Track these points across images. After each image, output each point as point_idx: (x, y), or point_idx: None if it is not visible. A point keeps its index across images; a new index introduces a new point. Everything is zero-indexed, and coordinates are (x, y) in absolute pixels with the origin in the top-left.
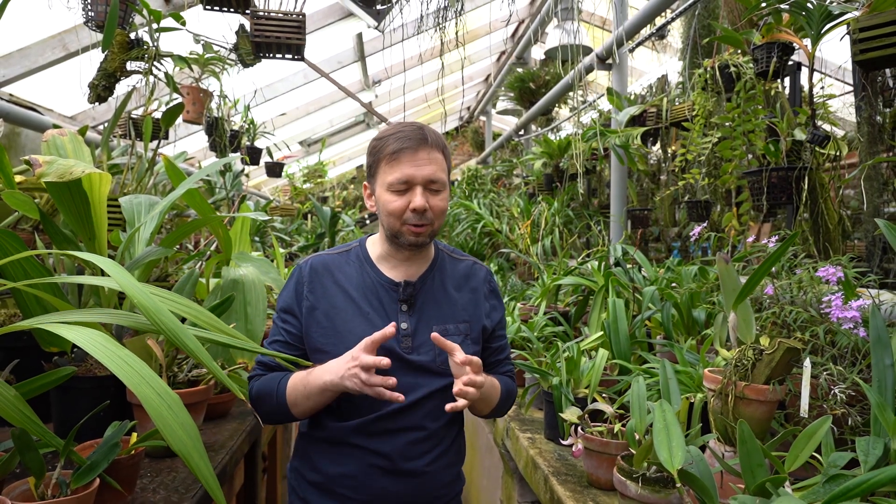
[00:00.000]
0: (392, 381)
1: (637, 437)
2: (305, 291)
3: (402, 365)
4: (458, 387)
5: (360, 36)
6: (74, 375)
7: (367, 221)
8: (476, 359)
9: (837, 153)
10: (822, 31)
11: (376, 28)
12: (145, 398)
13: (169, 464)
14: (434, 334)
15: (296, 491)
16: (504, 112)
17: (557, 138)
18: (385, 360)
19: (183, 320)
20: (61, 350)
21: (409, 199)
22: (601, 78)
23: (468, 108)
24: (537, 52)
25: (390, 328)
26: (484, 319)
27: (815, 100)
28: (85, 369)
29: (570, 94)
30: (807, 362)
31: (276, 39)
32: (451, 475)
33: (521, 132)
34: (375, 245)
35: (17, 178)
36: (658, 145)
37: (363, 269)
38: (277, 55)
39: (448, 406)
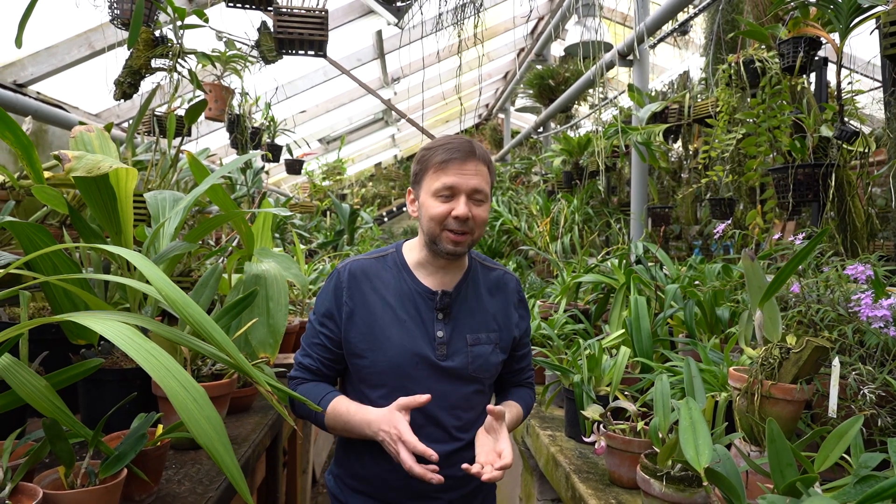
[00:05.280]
0: (434, 460)
1: (661, 435)
2: (345, 297)
3: (436, 372)
4: (488, 474)
5: (379, 33)
6: (101, 368)
7: (385, 219)
8: (507, 455)
9: (866, 150)
10: (851, 25)
11: (396, 25)
12: (171, 391)
13: (193, 456)
14: (489, 406)
15: (338, 498)
16: (523, 109)
17: (577, 136)
18: (434, 456)
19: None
20: (88, 343)
21: (453, 206)
22: (621, 75)
23: (487, 106)
24: (557, 49)
25: (425, 397)
26: (513, 329)
27: (842, 95)
28: (111, 362)
29: (590, 90)
30: (835, 361)
31: (300, 36)
32: None
33: (540, 129)
34: (412, 251)
35: (46, 175)
36: (679, 142)
37: (400, 276)
38: (300, 52)
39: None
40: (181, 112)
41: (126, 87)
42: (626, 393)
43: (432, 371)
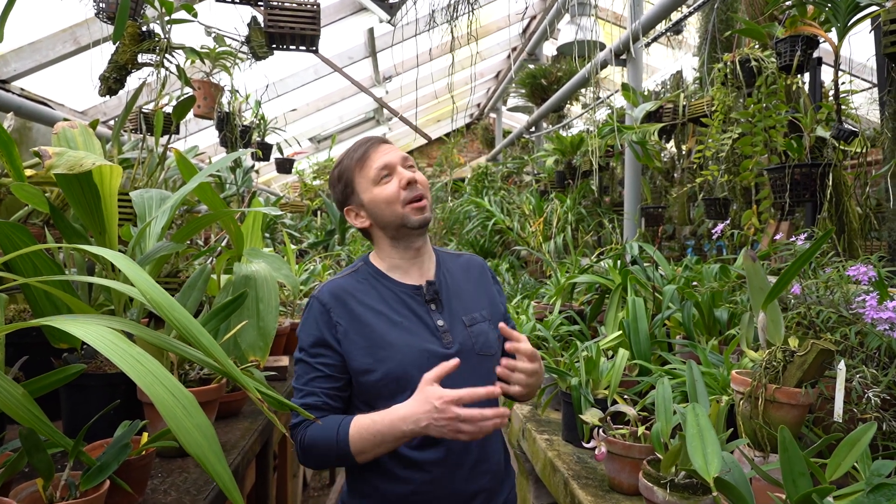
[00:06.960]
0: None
1: (663, 440)
2: (334, 318)
3: (446, 360)
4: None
5: (371, 31)
6: (84, 373)
7: None
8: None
9: (863, 149)
10: (849, 24)
11: (389, 22)
12: (158, 398)
13: (180, 464)
14: (501, 324)
15: None
16: (515, 109)
17: (569, 135)
18: (497, 391)
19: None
20: (71, 347)
21: (397, 179)
22: (614, 75)
23: (478, 105)
24: (549, 49)
25: (452, 362)
26: (498, 305)
27: (839, 94)
28: (95, 366)
29: (583, 90)
30: (841, 364)
31: (291, 30)
32: (511, 477)
33: (533, 129)
34: (380, 259)
35: (28, 173)
36: (672, 142)
37: (379, 284)
38: (291, 47)
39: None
40: (169, 109)
41: (112, 82)
42: (624, 396)
43: (443, 361)
